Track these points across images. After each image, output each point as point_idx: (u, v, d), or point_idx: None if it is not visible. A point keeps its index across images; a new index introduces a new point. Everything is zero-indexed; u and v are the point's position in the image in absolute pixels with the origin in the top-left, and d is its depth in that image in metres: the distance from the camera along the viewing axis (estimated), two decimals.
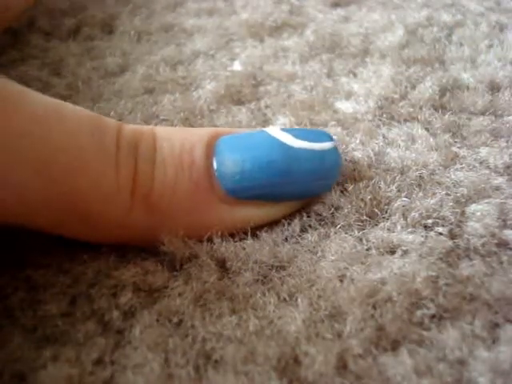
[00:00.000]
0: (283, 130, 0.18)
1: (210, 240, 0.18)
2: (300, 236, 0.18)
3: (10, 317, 0.16)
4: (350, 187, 0.19)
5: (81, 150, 0.16)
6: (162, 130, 0.18)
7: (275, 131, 0.18)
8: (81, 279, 0.17)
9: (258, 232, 0.18)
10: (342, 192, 0.19)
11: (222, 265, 0.17)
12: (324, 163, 0.18)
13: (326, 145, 0.18)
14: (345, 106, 0.24)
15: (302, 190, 0.18)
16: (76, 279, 0.17)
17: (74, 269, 0.17)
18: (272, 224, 0.19)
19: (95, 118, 0.17)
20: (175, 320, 0.16)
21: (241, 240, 0.18)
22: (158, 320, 0.16)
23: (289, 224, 0.18)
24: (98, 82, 0.26)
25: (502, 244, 0.18)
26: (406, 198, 0.19)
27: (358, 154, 0.22)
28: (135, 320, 0.16)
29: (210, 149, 0.18)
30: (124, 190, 0.17)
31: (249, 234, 0.18)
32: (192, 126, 0.24)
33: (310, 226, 0.18)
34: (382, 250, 0.17)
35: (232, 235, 0.18)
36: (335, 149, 0.19)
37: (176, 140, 0.18)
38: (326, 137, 0.19)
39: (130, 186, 0.17)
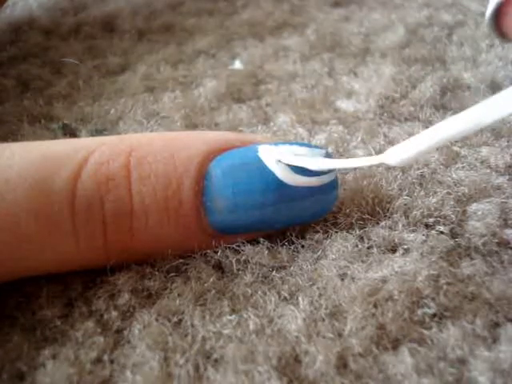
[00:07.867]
0: (281, 157, 0.16)
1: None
2: (300, 236, 0.18)
3: (8, 317, 0.16)
4: (352, 185, 0.19)
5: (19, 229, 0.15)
6: (139, 162, 0.16)
7: (272, 160, 0.16)
8: (74, 285, 0.17)
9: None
10: (343, 190, 0.19)
11: (219, 268, 0.17)
12: (322, 198, 0.17)
13: (326, 177, 0.17)
14: (346, 105, 0.24)
15: (294, 223, 0.18)
16: (68, 285, 0.17)
17: (65, 277, 0.17)
18: None
19: (38, 182, 0.15)
20: (175, 319, 0.16)
21: (238, 246, 0.17)
22: (157, 319, 0.15)
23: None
24: (98, 80, 0.26)
25: (503, 243, 0.18)
26: (408, 196, 0.19)
27: (359, 153, 0.22)
28: (134, 319, 0.16)
29: (200, 180, 0.16)
30: (89, 253, 0.16)
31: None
32: (193, 123, 0.24)
33: (310, 224, 0.18)
34: (383, 248, 0.17)
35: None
36: (335, 180, 0.17)
37: (159, 178, 0.16)
38: None
39: (97, 246, 0.16)
